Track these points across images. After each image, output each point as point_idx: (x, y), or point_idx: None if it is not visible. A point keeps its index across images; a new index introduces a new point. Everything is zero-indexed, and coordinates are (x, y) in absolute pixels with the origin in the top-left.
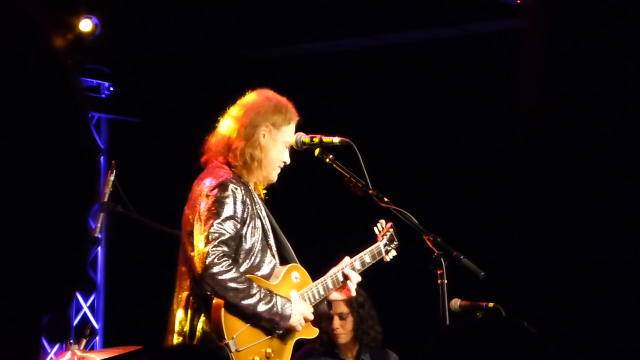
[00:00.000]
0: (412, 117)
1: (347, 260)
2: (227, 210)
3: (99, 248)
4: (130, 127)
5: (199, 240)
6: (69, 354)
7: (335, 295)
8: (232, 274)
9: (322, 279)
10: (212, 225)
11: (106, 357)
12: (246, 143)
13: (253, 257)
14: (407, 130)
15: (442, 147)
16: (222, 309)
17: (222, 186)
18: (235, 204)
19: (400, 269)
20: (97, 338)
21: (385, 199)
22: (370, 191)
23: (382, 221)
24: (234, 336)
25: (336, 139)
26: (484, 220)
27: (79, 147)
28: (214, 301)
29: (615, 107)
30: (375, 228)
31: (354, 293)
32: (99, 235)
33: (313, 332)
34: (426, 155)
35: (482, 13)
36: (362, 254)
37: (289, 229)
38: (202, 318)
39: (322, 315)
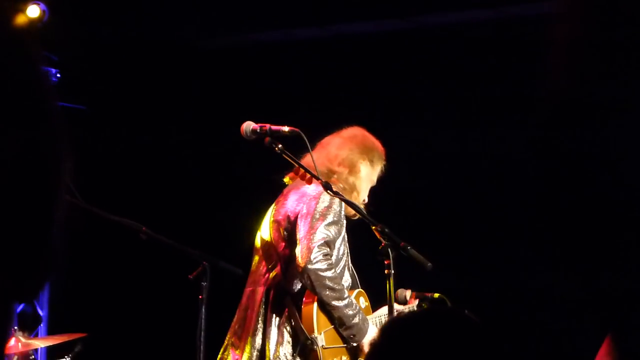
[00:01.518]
0: (365, 106)
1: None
2: (334, 216)
3: None
4: (77, 115)
5: (304, 237)
6: (13, 341)
7: None
8: (331, 274)
9: (379, 313)
10: (320, 225)
11: (50, 344)
12: (348, 170)
13: (339, 269)
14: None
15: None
16: (315, 304)
17: (327, 195)
18: (340, 212)
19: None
20: (42, 325)
21: (333, 188)
22: (319, 181)
23: (409, 290)
24: (323, 332)
25: (285, 129)
26: (439, 211)
27: (46, 133)
28: (304, 298)
29: None
30: (406, 293)
31: None
32: None
33: None
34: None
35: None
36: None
37: None
38: (285, 313)
39: None
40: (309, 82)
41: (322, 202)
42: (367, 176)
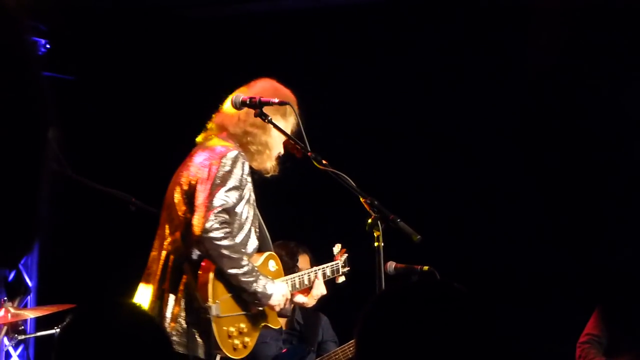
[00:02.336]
0: (355, 78)
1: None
2: (235, 181)
3: None
4: (66, 85)
5: (202, 204)
6: (2, 312)
7: (298, 298)
8: (228, 242)
9: (293, 276)
10: (219, 191)
11: (39, 314)
12: (252, 125)
13: (243, 234)
14: (349, 93)
15: (382, 111)
16: (211, 273)
17: (234, 156)
18: (242, 176)
19: (336, 231)
20: (30, 296)
21: (324, 162)
22: (309, 153)
23: (339, 245)
24: (218, 301)
25: (275, 100)
26: (429, 182)
27: (28, 100)
28: (202, 264)
29: None
30: (334, 248)
31: (311, 303)
32: None
33: (278, 323)
34: (368, 119)
35: None
36: (325, 265)
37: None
38: (183, 280)
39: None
40: (300, 54)
41: (223, 167)
42: (278, 131)
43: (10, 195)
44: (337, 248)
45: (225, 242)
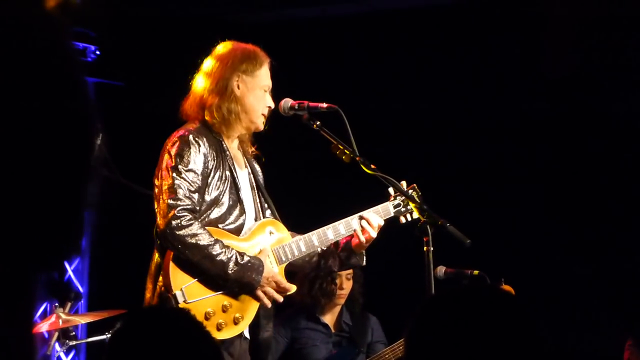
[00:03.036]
0: (402, 83)
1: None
2: (187, 163)
3: None
4: (117, 91)
5: (160, 195)
6: (53, 317)
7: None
8: (191, 230)
9: (307, 235)
10: (172, 178)
11: (90, 320)
12: (220, 98)
13: (217, 209)
14: (397, 96)
15: (428, 114)
16: (171, 262)
17: (181, 139)
18: (195, 155)
19: (385, 236)
20: (82, 302)
21: (372, 166)
22: (357, 158)
23: (403, 182)
24: (183, 287)
25: (323, 105)
26: (474, 190)
27: (78, 109)
28: (166, 252)
29: None
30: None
31: (374, 234)
32: None
33: (291, 288)
34: (415, 121)
35: None
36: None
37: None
38: (156, 267)
39: (316, 269)
40: (345, 59)
41: (173, 150)
42: (250, 90)
43: (56, 201)
44: (394, 188)
45: (188, 231)
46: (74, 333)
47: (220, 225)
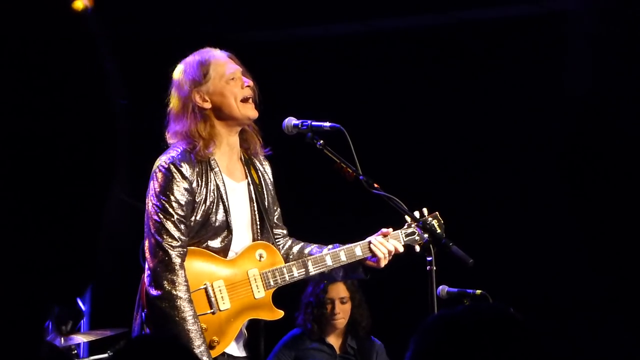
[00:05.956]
0: (404, 104)
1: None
2: (169, 195)
3: None
4: (121, 109)
5: (149, 230)
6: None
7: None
8: (175, 277)
9: (302, 260)
10: (157, 214)
11: (93, 338)
12: (193, 120)
13: (203, 230)
14: (398, 117)
15: (430, 134)
16: (145, 282)
17: (163, 170)
18: (177, 185)
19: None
20: (84, 320)
21: (375, 185)
22: (361, 177)
23: (425, 210)
24: None
25: (326, 124)
26: (474, 207)
27: (107, 136)
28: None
29: None
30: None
31: (382, 264)
32: None
33: (277, 314)
34: (417, 143)
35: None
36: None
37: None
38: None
39: (319, 276)
40: (348, 78)
41: (156, 183)
42: (214, 94)
43: (72, 233)
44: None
45: (170, 277)
46: (76, 351)
47: (205, 245)
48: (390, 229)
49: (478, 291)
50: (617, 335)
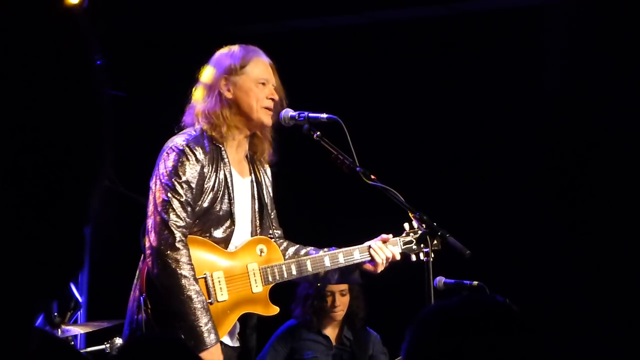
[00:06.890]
0: (401, 95)
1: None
2: (180, 176)
3: None
4: (118, 101)
5: (155, 208)
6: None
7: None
8: (178, 255)
9: (301, 259)
10: (166, 192)
11: (90, 330)
12: (214, 105)
13: (207, 218)
14: (396, 108)
15: (430, 127)
16: (146, 272)
17: (176, 150)
18: (189, 167)
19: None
20: (81, 311)
21: (372, 177)
22: (357, 169)
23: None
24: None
25: (323, 116)
26: (473, 199)
27: (91, 126)
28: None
29: None
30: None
31: (379, 269)
32: None
33: (273, 310)
34: (415, 134)
35: None
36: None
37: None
38: (138, 272)
39: (313, 279)
40: (344, 70)
41: (168, 162)
42: (241, 89)
43: (57, 226)
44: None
45: (174, 255)
46: (73, 343)
47: (207, 235)
48: (390, 235)
49: (475, 282)
50: (611, 330)
